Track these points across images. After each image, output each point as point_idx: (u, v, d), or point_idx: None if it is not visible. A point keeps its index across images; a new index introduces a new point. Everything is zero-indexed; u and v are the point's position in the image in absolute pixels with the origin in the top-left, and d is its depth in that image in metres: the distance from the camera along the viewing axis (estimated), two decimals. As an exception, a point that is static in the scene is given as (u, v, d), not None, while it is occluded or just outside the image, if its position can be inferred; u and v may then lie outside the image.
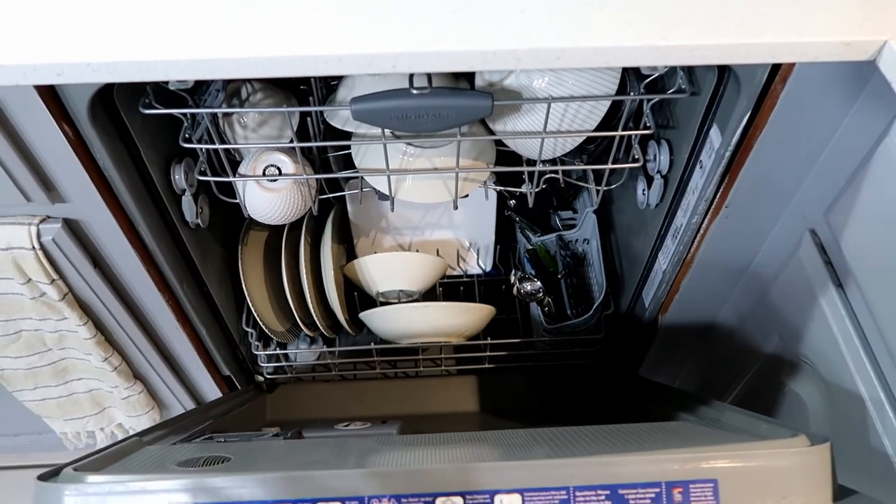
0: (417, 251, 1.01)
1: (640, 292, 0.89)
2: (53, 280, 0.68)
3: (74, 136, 0.60)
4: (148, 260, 0.73)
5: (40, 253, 0.66)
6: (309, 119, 0.79)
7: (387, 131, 0.68)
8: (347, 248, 1.02)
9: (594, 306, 0.89)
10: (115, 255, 0.71)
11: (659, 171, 0.75)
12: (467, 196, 0.81)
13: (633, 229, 0.89)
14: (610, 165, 0.74)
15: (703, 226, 0.72)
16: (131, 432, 0.94)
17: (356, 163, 0.78)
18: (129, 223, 0.69)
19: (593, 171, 0.88)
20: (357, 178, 0.81)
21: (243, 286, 0.89)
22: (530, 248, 0.97)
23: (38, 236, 0.65)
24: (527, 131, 0.73)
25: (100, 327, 0.77)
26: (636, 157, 0.75)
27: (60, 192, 0.64)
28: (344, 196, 0.95)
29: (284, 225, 0.87)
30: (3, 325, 0.74)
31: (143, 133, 0.66)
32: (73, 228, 0.67)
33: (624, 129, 0.71)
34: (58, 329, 0.75)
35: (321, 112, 0.78)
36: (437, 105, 0.61)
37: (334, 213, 0.94)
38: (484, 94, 0.63)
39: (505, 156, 0.81)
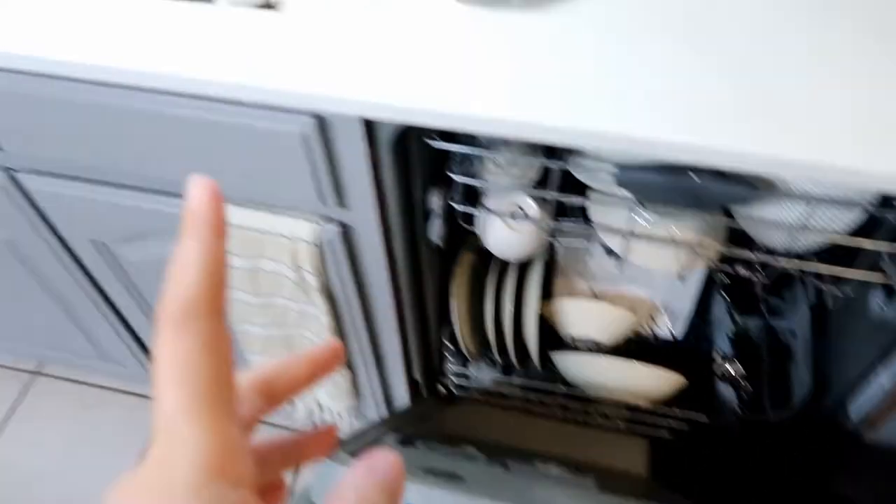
0: (611, 302, 1.03)
1: (845, 399, 0.86)
2: (318, 271, 0.78)
3: (373, 157, 0.68)
4: (391, 266, 0.81)
5: (315, 247, 0.75)
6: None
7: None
8: (546, 285, 1.07)
9: (795, 404, 0.88)
10: (367, 258, 0.80)
11: (906, 288, 0.73)
12: (693, 269, 0.82)
13: (852, 333, 0.86)
14: (852, 273, 0.73)
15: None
16: (327, 410, 1.03)
17: (591, 216, 0.82)
18: (387, 234, 0.77)
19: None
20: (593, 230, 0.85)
21: (451, 303, 0.96)
22: (734, 328, 0.96)
23: (320, 234, 0.74)
24: (771, 220, 0.74)
25: (336, 316, 0.86)
26: (883, 268, 0.73)
27: (346, 200, 0.73)
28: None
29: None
30: (261, 298, 0.85)
31: (418, 160, 0.74)
32: (345, 232, 0.76)
33: (877, 239, 0.70)
34: (303, 311, 0.85)
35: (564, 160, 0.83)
36: (706, 189, 0.64)
37: (545, 252, 0.98)
38: (751, 185, 0.65)
39: (734, 233, 0.82)
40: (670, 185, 0.63)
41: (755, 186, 0.66)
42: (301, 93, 0.59)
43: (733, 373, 0.90)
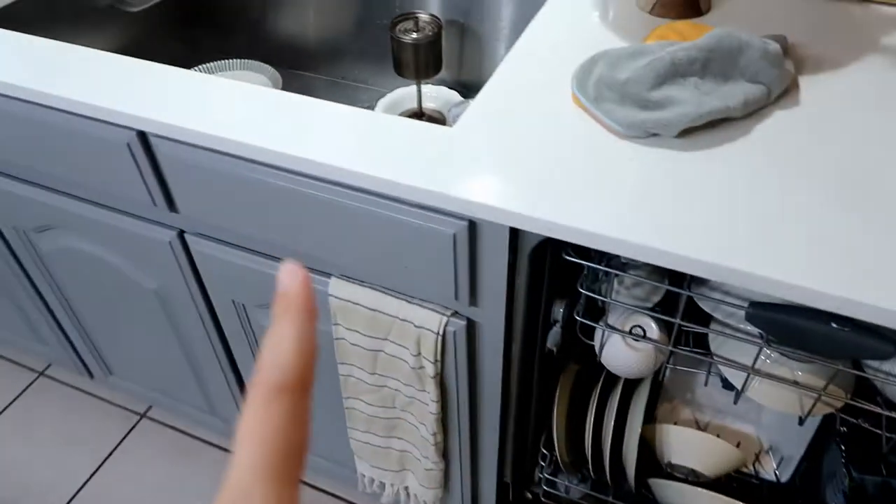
0: (718, 435, 1.01)
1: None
2: (436, 361, 0.82)
3: (512, 261, 0.73)
4: (505, 365, 0.84)
5: (440, 338, 0.79)
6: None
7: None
8: (649, 407, 1.06)
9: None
10: (485, 355, 0.83)
11: None
12: (815, 416, 0.80)
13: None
14: None
15: None
16: (413, 497, 1.04)
17: (712, 347, 0.83)
18: (509, 335, 0.81)
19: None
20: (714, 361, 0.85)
21: (554, 411, 0.96)
22: (849, 483, 0.92)
23: (445, 326, 0.79)
24: (905, 378, 0.72)
25: (444, 406, 0.89)
26: None
27: (478, 299, 0.77)
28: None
29: (603, 367, 0.93)
30: (375, 378, 0.89)
31: (550, 271, 0.78)
32: (470, 327, 0.80)
33: None
34: (413, 396, 0.88)
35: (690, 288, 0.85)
36: (844, 339, 0.64)
37: (658, 377, 0.98)
38: (892, 342, 0.64)
39: (861, 384, 0.80)
40: (805, 329, 0.64)
41: (894, 344, 0.65)
42: (461, 199, 0.65)
43: (849, 531, 0.85)
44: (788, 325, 0.65)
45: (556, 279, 0.82)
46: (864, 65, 0.81)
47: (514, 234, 0.70)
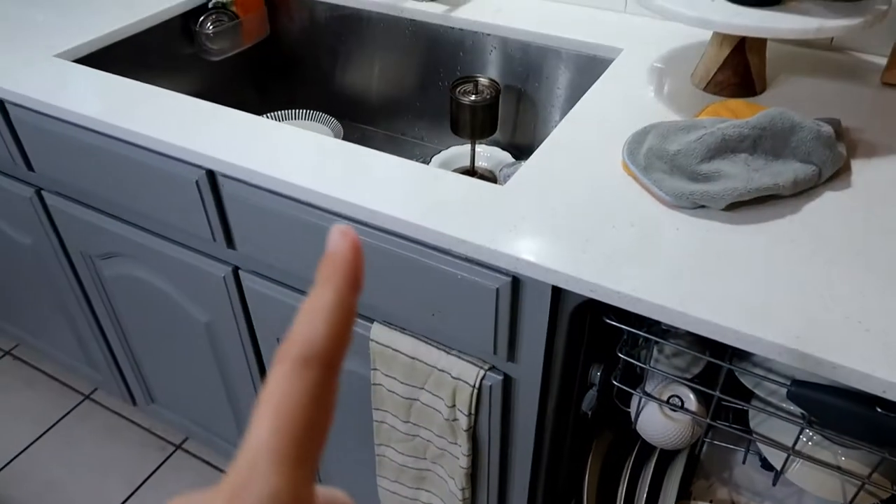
0: (755, 519, 0.97)
1: None
2: (470, 414, 0.82)
3: (552, 321, 0.74)
4: (539, 424, 0.84)
5: (476, 391, 0.80)
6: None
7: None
8: (684, 482, 1.03)
9: None
10: (520, 412, 0.83)
11: None
12: (857, 505, 0.77)
13: None
14: None
15: None
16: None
17: (752, 424, 0.81)
18: (545, 393, 0.81)
19: None
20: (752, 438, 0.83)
21: (585, 478, 0.95)
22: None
23: (482, 379, 0.80)
24: (956, 474, 0.70)
25: (474, 461, 0.89)
26: None
27: (516, 355, 0.78)
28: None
29: (637, 433, 0.92)
30: (409, 426, 0.90)
31: (590, 333, 0.79)
32: (506, 382, 0.80)
33: None
34: (444, 448, 0.88)
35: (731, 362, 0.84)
36: (888, 425, 0.62)
37: (690, 448, 0.96)
38: (940, 432, 0.62)
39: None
40: (848, 411, 0.63)
41: (942, 433, 0.63)
42: (507, 254, 0.67)
43: None
44: (831, 407, 0.64)
45: (594, 342, 0.83)
46: (918, 152, 0.81)
47: (557, 293, 0.71)
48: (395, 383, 0.86)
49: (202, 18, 1.28)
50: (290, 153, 0.81)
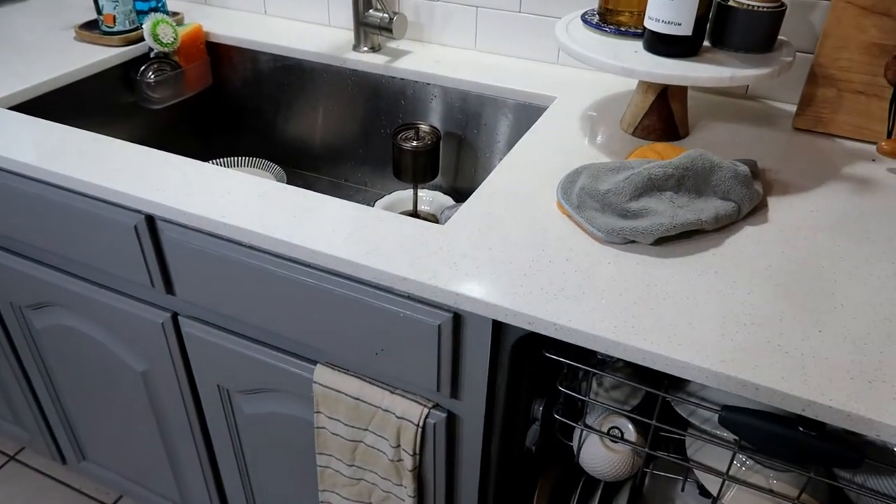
0: (698, 550, 0.99)
1: None
2: (415, 454, 0.82)
3: (494, 356, 0.75)
4: (484, 461, 0.84)
5: (420, 430, 0.80)
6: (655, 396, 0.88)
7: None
8: (628, 517, 1.04)
9: None
10: (464, 450, 0.84)
11: None
12: (790, 527, 0.80)
13: None
14: (969, 564, 0.70)
15: None
16: None
17: (689, 452, 0.83)
18: (488, 430, 0.82)
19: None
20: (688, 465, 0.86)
21: (532, 515, 0.95)
22: None
23: (426, 417, 0.80)
24: (878, 492, 0.73)
25: (420, 502, 0.88)
26: None
27: (459, 391, 0.79)
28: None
29: (581, 468, 0.93)
30: (353, 470, 0.88)
31: (531, 369, 0.80)
32: (450, 420, 0.81)
33: None
34: (389, 491, 0.87)
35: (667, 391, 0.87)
36: (812, 446, 0.66)
37: (635, 481, 0.98)
38: (856, 449, 0.66)
39: (835, 494, 0.80)
40: (774, 434, 0.66)
41: (862, 453, 0.67)
42: (447, 290, 0.68)
43: None
44: (759, 430, 0.67)
45: (536, 377, 0.84)
46: (827, 191, 0.87)
47: (497, 328, 0.73)
48: (339, 425, 0.86)
49: (143, 68, 1.28)
50: (231, 197, 0.82)
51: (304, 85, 1.33)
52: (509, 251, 0.74)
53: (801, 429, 0.64)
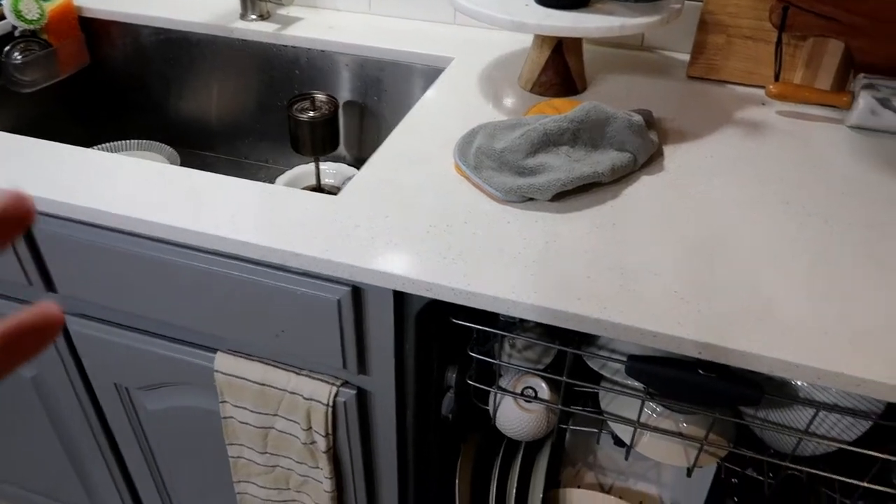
0: (621, 497, 1.01)
1: None
2: (328, 434, 0.79)
3: (398, 329, 0.73)
4: (400, 436, 0.82)
5: (330, 409, 0.77)
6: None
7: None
8: (553, 472, 1.05)
9: None
10: (378, 425, 0.81)
11: (919, 505, 0.72)
12: (702, 467, 0.82)
13: (867, 552, 0.83)
14: (864, 484, 0.73)
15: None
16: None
17: (602, 405, 0.84)
18: (401, 403, 0.80)
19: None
20: (602, 418, 0.86)
21: (455, 483, 0.94)
22: (745, 534, 0.93)
23: (335, 396, 0.77)
24: (780, 424, 0.76)
25: (339, 483, 0.86)
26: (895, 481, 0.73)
27: (367, 366, 0.76)
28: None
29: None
30: (267, 457, 0.85)
31: (439, 336, 0.79)
32: (361, 397, 0.78)
33: (886, 452, 0.71)
34: (306, 475, 0.85)
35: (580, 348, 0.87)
36: (713, 386, 0.67)
37: (554, 439, 0.99)
38: (756, 386, 0.67)
39: (742, 432, 0.83)
40: (676, 378, 0.66)
41: (762, 389, 0.68)
42: (342, 263, 0.65)
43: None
44: (663, 376, 0.68)
45: (447, 345, 0.83)
46: (720, 136, 0.89)
47: (400, 298, 0.70)
48: (247, 413, 0.82)
49: (8, 48, 1.17)
50: (114, 183, 0.75)
51: (191, 59, 1.25)
52: (405, 217, 0.71)
53: (700, 371, 0.65)
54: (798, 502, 0.95)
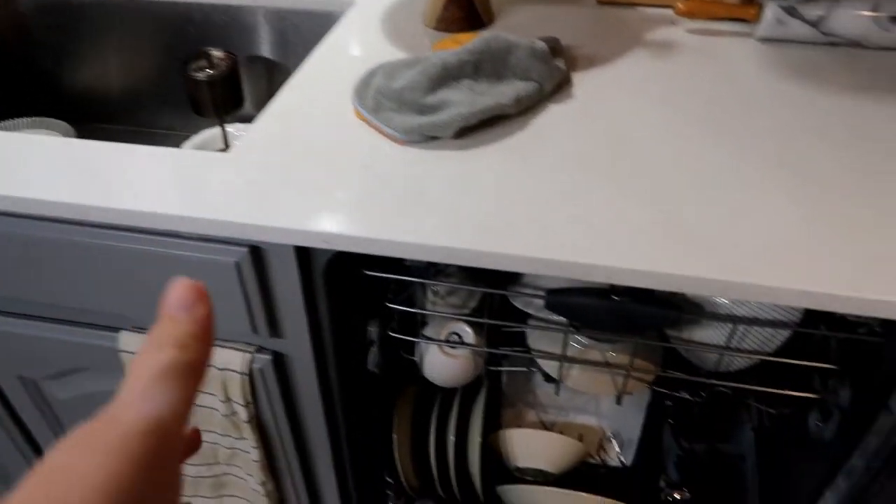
0: (561, 432, 1.02)
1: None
2: (248, 403, 0.76)
3: (308, 286, 0.69)
4: (326, 397, 0.80)
5: (247, 378, 0.74)
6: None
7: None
8: (493, 416, 1.05)
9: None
10: (301, 388, 0.78)
11: (838, 406, 0.73)
12: (631, 394, 0.82)
13: (798, 457, 0.85)
14: (785, 392, 0.74)
15: (885, 473, 0.69)
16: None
17: (529, 343, 0.83)
18: (323, 362, 0.77)
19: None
20: (528, 356, 0.85)
21: (393, 436, 0.93)
22: (680, 453, 0.95)
23: (251, 363, 0.73)
24: (702, 343, 0.76)
25: (268, 453, 0.83)
26: (815, 387, 0.74)
27: (280, 328, 0.72)
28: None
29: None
30: (190, 434, 0.81)
31: (355, 290, 0.75)
32: (278, 361, 0.75)
33: (805, 360, 0.72)
34: (233, 447, 0.81)
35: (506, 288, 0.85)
36: (630, 310, 0.66)
37: (489, 381, 0.98)
38: (673, 307, 0.67)
39: (670, 355, 0.83)
40: (592, 307, 0.65)
41: (680, 308, 0.68)
42: (233, 222, 0.61)
43: (679, 499, 0.87)
44: (578, 306, 0.66)
45: (366, 298, 0.80)
46: (629, 59, 0.86)
47: (305, 254, 0.67)
48: (162, 391, 0.78)
49: None
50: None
51: (76, 25, 1.16)
52: (302, 169, 0.67)
53: (614, 297, 0.63)
54: (726, 417, 0.97)
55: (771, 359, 0.72)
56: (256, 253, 0.66)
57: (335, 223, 0.60)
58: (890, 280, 0.54)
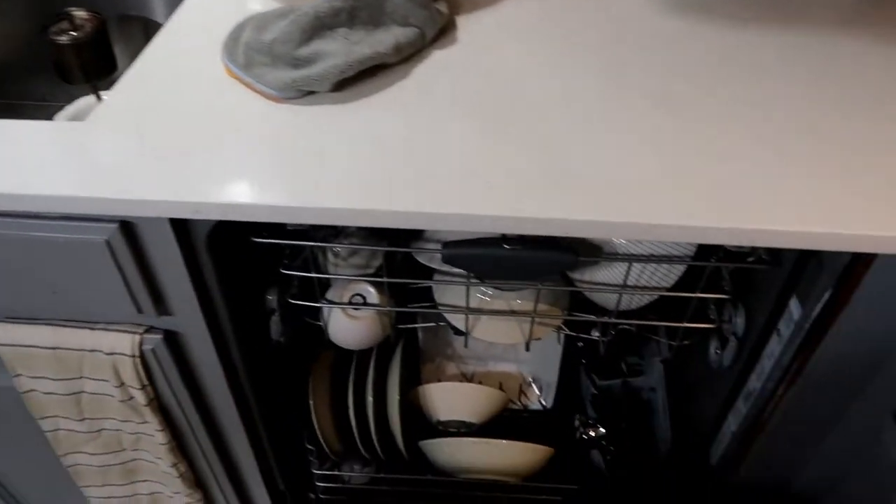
0: (481, 382, 1.02)
1: (707, 450, 0.87)
2: (144, 386, 0.72)
3: (192, 259, 0.65)
4: (229, 371, 0.77)
5: (138, 360, 0.70)
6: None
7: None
8: (413, 373, 1.04)
9: (660, 457, 0.88)
10: (202, 366, 0.75)
11: (734, 334, 0.76)
12: (540, 339, 0.83)
13: (702, 385, 0.88)
14: (684, 324, 0.76)
15: (778, 393, 0.72)
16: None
17: (436, 297, 0.82)
18: (221, 337, 0.73)
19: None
20: (435, 311, 0.84)
21: (310, 403, 0.91)
22: (594, 391, 0.97)
23: (140, 345, 0.70)
24: (604, 283, 0.76)
25: (175, 434, 0.80)
26: (711, 317, 0.76)
27: (168, 306, 0.69)
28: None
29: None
30: (87, 423, 0.77)
31: (248, 259, 0.72)
32: (171, 340, 0.71)
33: (701, 291, 0.73)
34: (136, 431, 0.78)
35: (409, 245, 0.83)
36: (525, 257, 0.65)
37: (405, 339, 0.97)
38: (569, 250, 0.66)
39: (578, 298, 0.83)
40: (487, 256, 0.64)
41: (576, 252, 0.68)
42: (95, 198, 0.56)
43: (594, 435, 0.90)
44: (474, 258, 0.65)
45: (261, 266, 0.76)
46: (516, 1, 0.83)
47: (182, 225, 0.63)
48: (49, 382, 0.73)
49: None
50: None
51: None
52: (166, 135, 0.62)
53: (505, 246, 0.63)
54: (630, 352, 1.00)
55: (669, 294, 0.74)
56: (128, 228, 0.61)
57: (206, 192, 0.56)
58: (755, 207, 0.55)
